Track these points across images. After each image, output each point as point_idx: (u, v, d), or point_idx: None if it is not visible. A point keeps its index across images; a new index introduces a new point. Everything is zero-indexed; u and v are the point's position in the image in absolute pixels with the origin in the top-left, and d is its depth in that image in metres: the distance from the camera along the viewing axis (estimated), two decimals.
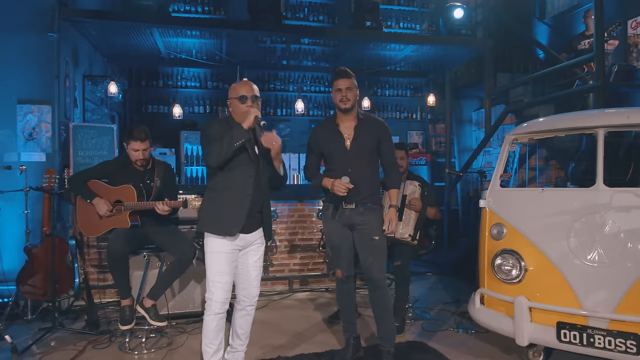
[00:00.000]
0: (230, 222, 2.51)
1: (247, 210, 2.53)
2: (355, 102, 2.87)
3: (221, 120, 2.64)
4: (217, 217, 2.52)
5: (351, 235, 2.91)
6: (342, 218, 2.87)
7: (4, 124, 4.28)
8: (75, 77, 4.99)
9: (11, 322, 3.83)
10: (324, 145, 2.95)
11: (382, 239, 2.90)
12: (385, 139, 2.94)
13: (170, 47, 5.81)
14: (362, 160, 2.86)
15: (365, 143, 2.87)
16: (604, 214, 2.68)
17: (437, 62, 6.53)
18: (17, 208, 3.94)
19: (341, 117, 2.92)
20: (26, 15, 4.33)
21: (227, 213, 2.52)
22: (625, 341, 2.45)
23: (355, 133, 2.87)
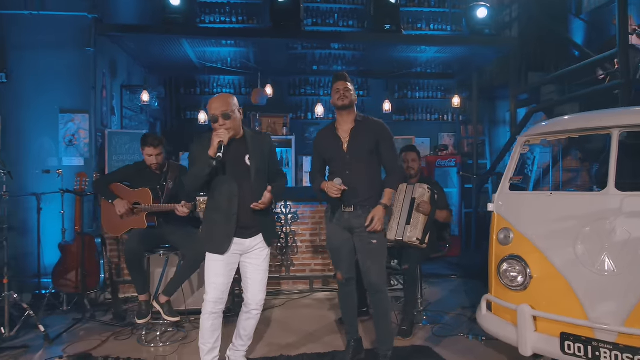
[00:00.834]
0: (219, 241, 2.56)
1: (234, 228, 2.55)
2: (352, 102, 2.84)
3: (203, 139, 2.57)
4: (209, 237, 2.60)
5: (351, 239, 2.85)
6: (341, 221, 2.83)
7: (48, 132, 4.58)
8: (113, 87, 5.25)
9: (51, 312, 4.09)
10: (324, 149, 2.94)
11: (382, 243, 2.83)
12: (383, 138, 2.87)
13: (201, 56, 5.97)
14: (360, 162, 2.81)
15: (363, 145, 2.82)
16: (614, 219, 2.44)
17: (463, 62, 6.28)
18: (56, 208, 4.20)
19: (339, 120, 2.90)
20: (67, 32, 4.61)
21: (217, 232, 2.57)
22: (634, 357, 2.22)
23: (352, 135, 2.83)
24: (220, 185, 2.55)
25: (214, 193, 2.58)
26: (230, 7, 7.50)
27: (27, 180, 4.42)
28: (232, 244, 2.56)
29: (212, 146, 2.42)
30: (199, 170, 2.47)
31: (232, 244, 2.56)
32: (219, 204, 2.56)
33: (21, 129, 4.56)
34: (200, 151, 2.49)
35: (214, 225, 2.58)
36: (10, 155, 4.52)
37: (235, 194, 2.55)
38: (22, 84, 4.57)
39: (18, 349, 3.24)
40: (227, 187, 2.55)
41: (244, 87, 7.70)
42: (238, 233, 2.58)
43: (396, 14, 4.94)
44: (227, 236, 2.54)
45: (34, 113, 4.57)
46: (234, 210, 2.54)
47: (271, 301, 4.50)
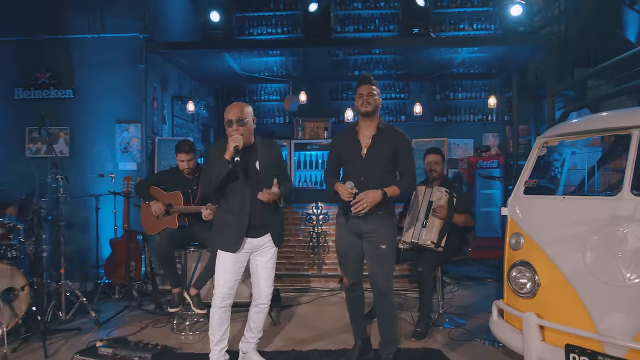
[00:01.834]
0: (230, 240, 2.65)
1: (245, 228, 2.63)
2: (376, 108, 2.77)
3: (220, 143, 2.68)
4: (221, 236, 2.68)
5: (360, 244, 2.79)
6: (351, 225, 2.76)
7: (106, 140, 5.00)
8: (164, 98, 5.60)
9: (105, 299, 4.47)
10: (342, 151, 2.86)
11: (390, 249, 2.75)
12: (402, 148, 2.77)
13: (244, 66, 6.19)
14: (375, 170, 2.72)
15: (382, 153, 2.73)
16: (626, 226, 2.21)
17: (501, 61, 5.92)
18: (110, 208, 4.58)
19: (362, 124, 2.82)
20: (122, 52, 4.99)
21: (228, 232, 2.65)
22: None
23: (373, 143, 2.74)
24: (232, 188, 2.65)
25: (227, 196, 2.68)
26: (276, 19, 7.72)
27: (90, 183, 4.85)
28: (243, 243, 2.65)
29: (228, 150, 2.52)
30: (217, 172, 2.56)
31: (243, 243, 2.65)
32: (231, 205, 2.66)
33: (85, 138, 5.02)
34: (217, 155, 2.60)
35: (226, 225, 2.68)
36: (77, 161, 5.00)
37: (247, 196, 2.64)
38: (86, 99, 5.04)
39: (71, 331, 3.58)
40: (240, 190, 2.64)
41: (288, 93, 7.84)
42: (248, 233, 2.67)
43: (425, 18, 4.78)
44: (239, 236, 2.63)
45: (95, 124, 5.01)
46: (246, 212, 2.63)
47: (299, 297, 4.57)
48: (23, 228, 3.75)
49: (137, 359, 2.97)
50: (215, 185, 2.61)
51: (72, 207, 4.75)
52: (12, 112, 5.06)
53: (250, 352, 2.88)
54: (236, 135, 2.57)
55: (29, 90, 5.04)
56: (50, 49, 5.03)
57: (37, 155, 4.99)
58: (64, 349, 3.23)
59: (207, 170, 2.71)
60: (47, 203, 3.83)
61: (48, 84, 5.04)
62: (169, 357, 3.08)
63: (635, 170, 2.35)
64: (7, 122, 5.06)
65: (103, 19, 5.03)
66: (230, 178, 2.61)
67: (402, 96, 7.61)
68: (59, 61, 5.03)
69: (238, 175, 2.63)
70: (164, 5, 5.60)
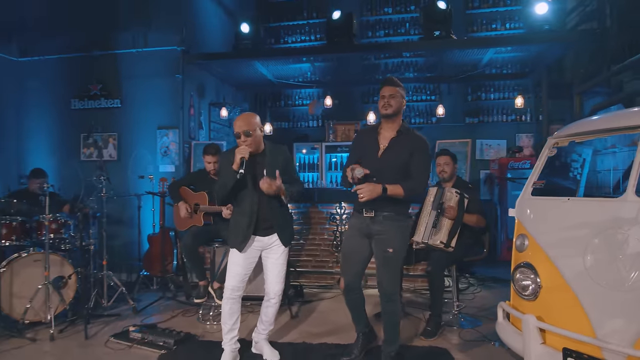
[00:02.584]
0: (238, 239, 2.77)
1: (252, 230, 2.74)
2: (397, 111, 2.67)
3: (230, 152, 2.76)
4: (232, 235, 2.81)
5: (368, 245, 2.72)
6: (362, 225, 2.70)
7: (148, 145, 5.34)
8: (202, 105, 5.89)
9: (145, 290, 4.78)
10: (361, 149, 2.79)
11: (398, 253, 2.66)
12: (417, 152, 2.65)
13: (276, 73, 6.34)
14: (389, 172, 2.61)
15: (398, 157, 2.65)
16: (628, 229, 2.08)
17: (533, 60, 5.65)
18: (150, 206, 4.88)
19: (383, 126, 2.75)
20: (162, 64, 5.32)
21: (238, 232, 2.77)
22: None
23: (390, 145, 2.67)
24: (244, 193, 2.77)
25: (239, 200, 2.80)
26: (309, 26, 7.85)
27: (134, 184, 5.20)
28: (249, 243, 2.77)
29: (235, 161, 2.63)
30: (226, 181, 2.69)
31: (249, 243, 2.77)
32: (242, 208, 2.78)
33: (130, 143, 5.40)
34: (226, 164, 2.72)
35: (237, 226, 2.79)
36: (123, 163, 5.38)
37: (255, 201, 2.74)
38: (131, 107, 5.41)
39: (111, 317, 3.88)
40: (250, 195, 2.75)
41: (322, 98, 7.93)
42: (257, 232, 2.78)
43: (447, 20, 4.67)
44: (245, 237, 2.74)
45: (139, 130, 5.37)
46: (254, 215, 2.74)
47: (322, 294, 4.63)
48: (73, 224, 4.11)
49: (161, 343, 3.17)
50: (225, 193, 2.71)
51: (119, 205, 5.14)
52: (69, 120, 5.54)
53: (261, 342, 2.99)
54: (243, 147, 2.65)
55: (83, 101, 5.50)
56: (101, 63, 5.46)
57: (89, 159, 5.42)
58: (102, 332, 3.51)
59: (219, 177, 2.83)
60: (94, 202, 4.17)
61: (99, 95, 5.46)
62: (191, 343, 3.25)
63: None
64: (65, 130, 5.54)
65: (146, 35, 5.38)
66: (240, 185, 2.71)
67: (432, 98, 7.45)
68: (109, 74, 5.44)
69: (247, 182, 2.73)
70: (201, 19, 5.88)
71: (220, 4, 6.48)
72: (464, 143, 5.08)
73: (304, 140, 7.34)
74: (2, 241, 3.78)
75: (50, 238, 3.84)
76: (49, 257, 3.56)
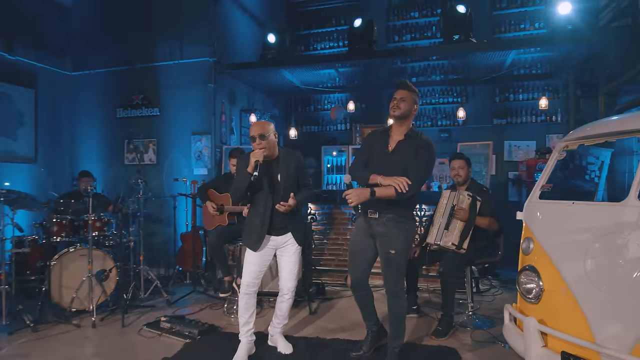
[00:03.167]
0: (253, 240, 2.89)
1: (265, 231, 2.86)
2: (406, 113, 2.68)
3: (246, 156, 2.88)
4: (247, 235, 2.94)
5: (373, 245, 2.77)
6: (367, 227, 2.76)
7: (183, 149, 5.64)
8: (233, 112, 6.12)
9: (180, 284, 5.05)
10: (370, 149, 2.83)
11: (400, 254, 2.68)
12: (418, 154, 2.65)
13: (303, 79, 6.48)
14: (396, 173, 2.61)
15: (404, 160, 2.66)
16: (628, 234, 2.01)
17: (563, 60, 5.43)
18: (184, 207, 5.16)
19: (394, 128, 2.78)
20: (196, 74, 5.60)
21: (252, 234, 2.90)
22: None
23: (397, 148, 2.71)
24: (259, 196, 2.90)
25: (254, 202, 2.93)
26: (337, 33, 7.94)
27: (171, 185, 5.50)
28: (264, 243, 2.89)
29: (249, 164, 2.76)
30: (240, 183, 2.82)
31: (264, 243, 2.89)
32: (257, 210, 2.90)
33: (168, 147, 5.72)
34: (242, 167, 2.84)
35: (252, 227, 2.92)
36: (162, 167, 5.71)
37: (269, 205, 2.87)
38: (168, 115, 5.73)
39: (147, 307, 4.15)
40: (264, 198, 2.88)
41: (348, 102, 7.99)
42: (271, 232, 2.91)
43: (466, 24, 4.60)
44: (259, 238, 2.87)
45: (175, 136, 5.68)
46: (267, 218, 2.86)
47: (343, 292, 4.69)
48: (115, 222, 4.43)
49: (187, 333, 3.37)
50: (239, 194, 2.84)
51: (158, 205, 5.47)
52: (115, 128, 5.95)
53: (276, 335, 3.12)
54: (257, 150, 2.77)
55: (126, 109, 5.89)
56: (142, 75, 5.82)
57: (132, 163, 5.79)
58: (137, 322, 3.77)
59: (235, 179, 2.97)
60: (134, 202, 4.48)
61: (141, 104, 5.83)
62: (214, 334, 3.44)
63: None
64: (111, 137, 5.96)
65: (182, 48, 5.69)
66: (255, 188, 2.84)
67: (459, 100, 7.31)
68: (149, 85, 5.80)
69: (262, 186, 2.86)
70: (233, 31, 6.12)
71: (252, 16, 6.70)
72: (485, 145, 4.97)
73: (332, 144, 7.42)
74: (54, 237, 4.15)
75: (95, 235, 4.17)
76: (91, 252, 3.87)
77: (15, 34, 5.34)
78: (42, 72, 5.79)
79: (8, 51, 5.29)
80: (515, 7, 6.90)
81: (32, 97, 5.64)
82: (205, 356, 3.02)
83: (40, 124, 5.72)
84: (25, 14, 5.49)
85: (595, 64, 5.33)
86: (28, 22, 5.52)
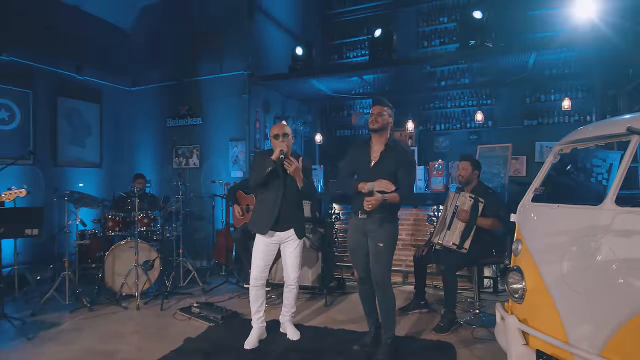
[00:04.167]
0: (262, 225, 3.10)
1: (275, 217, 3.06)
2: (383, 126, 2.86)
3: (264, 151, 3.19)
4: (255, 221, 3.16)
5: (366, 242, 2.90)
6: (359, 225, 2.90)
7: (222, 154, 6.01)
8: (268, 119, 6.41)
9: (216, 275, 5.40)
10: (355, 160, 3.00)
11: (387, 248, 2.82)
12: (404, 165, 2.83)
13: (331, 87, 6.61)
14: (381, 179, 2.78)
15: (387, 168, 2.83)
16: (601, 237, 1.96)
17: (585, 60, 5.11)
18: (219, 206, 5.52)
19: (373, 139, 2.94)
20: (233, 86, 5.94)
21: (262, 218, 3.11)
22: None
23: (380, 157, 2.86)
24: (270, 188, 3.11)
25: (265, 192, 3.14)
26: (368, 42, 7.97)
27: (211, 187, 5.89)
28: (269, 239, 3.10)
29: (275, 151, 3.00)
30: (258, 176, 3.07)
31: (269, 239, 3.10)
32: (267, 200, 3.11)
33: (208, 153, 6.13)
34: (259, 162, 3.11)
35: (260, 214, 3.13)
36: (204, 170, 6.13)
37: (279, 197, 3.08)
38: (209, 124, 6.14)
39: (184, 294, 4.52)
40: (275, 190, 3.10)
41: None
42: (276, 227, 3.10)
43: (482, 29, 4.49)
44: (267, 224, 3.08)
45: (215, 142, 6.07)
46: (277, 209, 3.07)
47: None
48: (160, 219, 4.87)
49: (212, 317, 3.66)
50: (258, 181, 3.08)
51: (200, 205, 5.88)
52: (165, 136, 6.47)
53: (285, 322, 3.31)
54: (283, 143, 3.04)
55: (175, 119, 6.38)
56: (187, 88, 6.29)
57: (179, 167, 6.28)
58: (174, 306, 4.13)
59: (253, 170, 3.20)
60: (177, 202, 4.89)
61: (186, 115, 6.30)
62: (235, 320, 3.70)
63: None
64: (162, 144, 6.49)
65: (221, 63, 6.07)
66: (272, 176, 3.07)
67: (488, 102, 7.08)
68: (193, 97, 6.25)
69: (279, 173, 3.07)
70: (267, 45, 6.40)
71: (285, 30, 6.96)
72: (505, 148, 4.81)
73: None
74: (109, 232, 4.66)
75: (142, 230, 4.63)
76: (137, 245, 4.30)
77: (84, 57, 6.01)
78: (106, 89, 6.45)
79: (78, 72, 5.96)
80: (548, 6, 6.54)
81: (97, 111, 6.31)
82: (223, 338, 3.27)
83: (104, 133, 6.38)
84: (92, 41, 6.15)
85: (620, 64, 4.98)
86: (95, 47, 6.18)
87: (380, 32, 5.15)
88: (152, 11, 6.67)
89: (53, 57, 5.64)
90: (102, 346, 3.19)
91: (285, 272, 3.24)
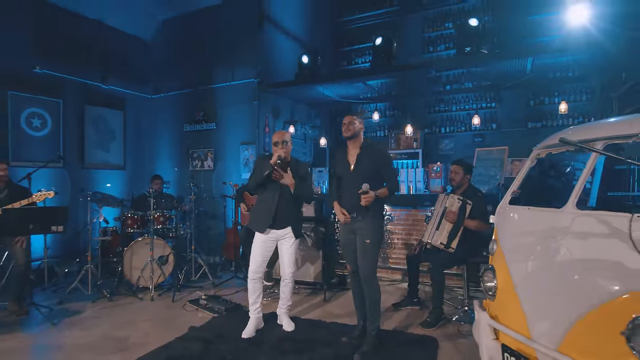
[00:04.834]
0: (260, 223, 3.26)
1: (272, 216, 3.21)
2: (356, 134, 3.05)
3: (263, 157, 3.36)
4: (254, 219, 3.33)
5: (355, 239, 3.04)
6: (347, 225, 3.04)
7: (234, 157, 6.23)
8: (277, 124, 6.59)
9: (227, 270, 5.61)
10: (336, 168, 3.16)
11: (373, 244, 2.95)
12: (384, 165, 3.02)
13: (338, 93, 6.72)
14: (361, 180, 2.90)
15: (366, 168, 2.99)
16: (562, 238, 2.02)
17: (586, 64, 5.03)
18: (229, 206, 5.72)
19: (349, 146, 3.12)
20: (244, 93, 6.15)
21: (260, 218, 3.27)
22: None
23: (358, 159, 3.03)
24: (269, 189, 3.27)
25: (265, 193, 3.30)
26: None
27: (223, 188, 6.12)
28: (267, 236, 3.25)
29: (273, 157, 3.16)
30: (258, 178, 3.23)
31: (267, 236, 3.25)
32: (266, 200, 3.28)
33: (222, 156, 6.35)
34: (260, 165, 3.29)
35: (259, 213, 3.30)
36: (217, 172, 6.36)
37: (277, 198, 3.24)
38: (223, 128, 6.37)
39: (195, 288, 4.74)
40: (272, 191, 3.26)
41: (388, 110, 8.07)
42: (273, 225, 3.26)
43: (478, 36, 4.51)
44: (265, 223, 3.24)
45: (228, 146, 6.30)
46: (274, 206, 3.23)
47: None
48: (176, 218, 5.11)
49: (216, 309, 3.85)
50: (257, 183, 3.24)
51: (214, 204, 6.11)
52: (182, 140, 6.75)
53: (281, 315, 3.46)
54: (281, 150, 3.21)
55: (191, 125, 6.65)
56: (203, 95, 6.54)
57: (195, 169, 6.54)
58: (185, 298, 4.35)
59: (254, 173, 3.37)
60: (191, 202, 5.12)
61: (202, 120, 6.55)
62: (237, 311, 3.87)
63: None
64: (179, 147, 6.77)
65: (233, 72, 6.29)
66: (267, 183, 3.23)
67: (492, 105, 7.03)
68: (208, 103, 6.49)
69: (273, 183, 3.21)
70: (276, 53, 6.58)
71: (294, 38, 7.12)
72: (501, 150, 4.82)
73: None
74: (129, 229, 4.93)
75: (158, 227, 4.87)
76: (153, 241, 4.55)
77: (109, 68, 6.35)
78: (129, 97, 6.78)
79: (103, 82, 6.30)
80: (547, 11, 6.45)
81: (121, 118, 6.64)
82: (225, 327, 3.45)
83: (127, 138, 6.71)
84: (116, 52, 6.49)
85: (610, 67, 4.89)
86: (118, 58, 6.52)
87: (380, 40, 5.23)
88: (171, 24, 6.97)
89: (81, 69, 5.99)
90: (117, 332, 3.43)
91: (281, 268, 3.39)
